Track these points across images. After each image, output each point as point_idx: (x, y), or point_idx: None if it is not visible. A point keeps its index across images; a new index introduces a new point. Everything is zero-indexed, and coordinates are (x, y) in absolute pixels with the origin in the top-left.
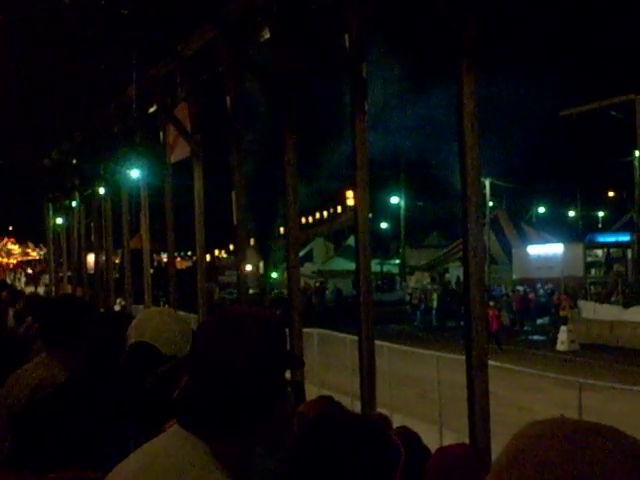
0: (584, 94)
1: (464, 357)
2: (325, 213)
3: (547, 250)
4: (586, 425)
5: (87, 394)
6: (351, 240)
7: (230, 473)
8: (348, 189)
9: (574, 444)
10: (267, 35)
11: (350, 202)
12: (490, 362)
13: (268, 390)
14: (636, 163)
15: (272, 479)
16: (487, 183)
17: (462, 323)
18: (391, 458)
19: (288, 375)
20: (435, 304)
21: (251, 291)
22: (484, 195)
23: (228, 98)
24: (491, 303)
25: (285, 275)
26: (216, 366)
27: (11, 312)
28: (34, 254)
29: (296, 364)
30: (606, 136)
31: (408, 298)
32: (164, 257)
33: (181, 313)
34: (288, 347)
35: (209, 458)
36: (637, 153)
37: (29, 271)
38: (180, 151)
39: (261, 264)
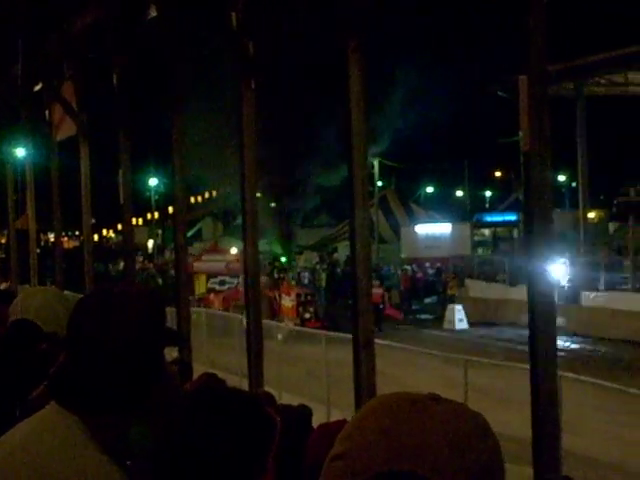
0: (472, 74)
1: (351, 335)
2: (214, 192)
3: (435, 229)
4: (420, 397)
5: None
6: (240, 220)
7: (108, 450)
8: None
9: (408, 414)
10: (154, 13)
11: None
12: (377, 340)
13: (146, 367)
14: (521, 143)
15: (152, 456)
16: (376, 163)
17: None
18: (266, 432)
19: (176, 355)
20: (324, 283)
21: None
22: (372, 175)
23: (115, 76)
24: (376, 282)
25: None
26: (92, 343)
27: None
28: None
29: (177, 341)
30: (493, 116)
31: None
32: (51, 237)
33: (67, 293)
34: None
35: (86, 435)
36: (521, 133)
37: None
38: (66, 129)
39: (150, 243)
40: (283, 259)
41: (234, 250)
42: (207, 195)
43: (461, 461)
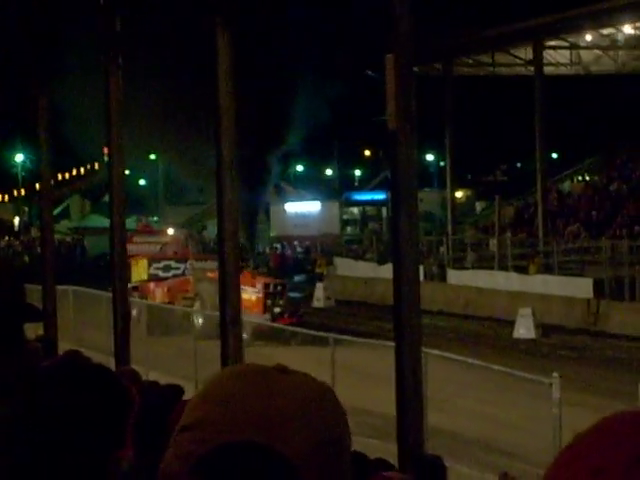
0: (345, 54)
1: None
2: (82, 169)
3: (304, 208)
4: (266, 368)
5: None
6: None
7: None
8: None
9: (253, 384)
10: None
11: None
12: (245, 318)
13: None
14: (388, 122)
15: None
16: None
17: None
18: (122, 405)
19: (41, 332)
20: None
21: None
22: None
23: None
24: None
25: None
26: None
27: None
28: None
29: (36, 317)
30: (363, 94)
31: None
32: None
33: None
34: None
35: None
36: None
37: None
38: None
39: (16, 220)
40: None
41: (170, 231)
42: (74, 172)
43: (305, 430)
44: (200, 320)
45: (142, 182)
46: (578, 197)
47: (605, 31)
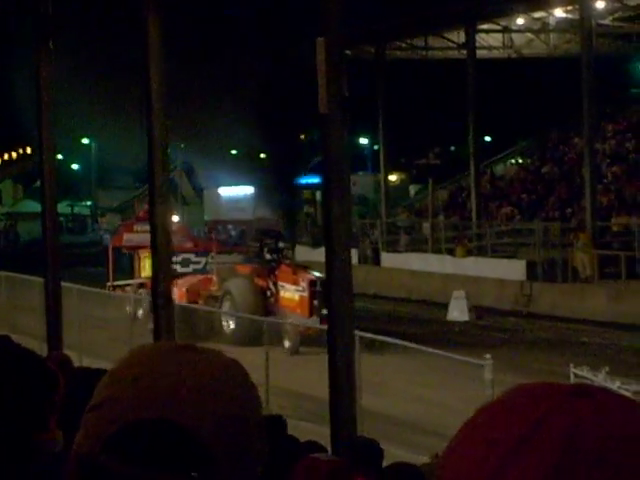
0: (280, 37)
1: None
2: (14, 154)
3: (238, 191)
4: (176, 345)
5: None
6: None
7: None
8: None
9: (161, 362)
10: None
11: None
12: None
13: None
14: (319, 106)
15: None
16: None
17: None
18: (46, 388)
19: None
20: None
21: None
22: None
23: None
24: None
25: None
26: None
27: None
28: None
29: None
30: (300, 78)
31: (101, 240)
32: None
33: None
34: None
35: None
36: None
37: None
38: None
39: None
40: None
41: (175, 218)
42: (7, 157)
43: (214, 405)
44: (232, 324)
45: (75, 166)
46: (511, 180)
47: (537, 15)
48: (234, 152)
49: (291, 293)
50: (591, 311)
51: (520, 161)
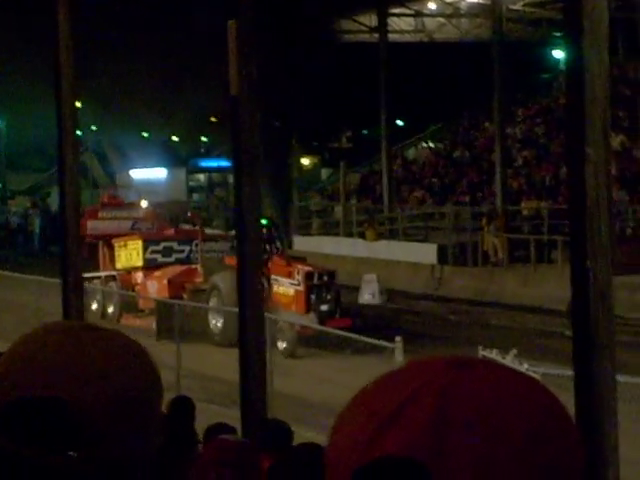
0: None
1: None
2: None
3: (150, 174)
4: (75, 324)
5: None
6: None
7: None
8: None
9: (56, 341)
10: None
11: None
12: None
13: None
14: (230, 87)
15: None
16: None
17: None
18: None
19: None
20: (37, 229)
21: None
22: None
23: None
24: None
25: None
26: None
27: None
28: None
29: None
30: (210, 60)
31: (8, 223)
32: None
33: None
34: None
35: None
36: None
37: None
38: None
39: None
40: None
41: (144, 203)
42: None
43: (104, 386)
44: (219, 322)
45: None
46: (422, 164)
47: None
48: (145, 135)
49: (285, 287)
50: (500, 294)
51: (432, 145)
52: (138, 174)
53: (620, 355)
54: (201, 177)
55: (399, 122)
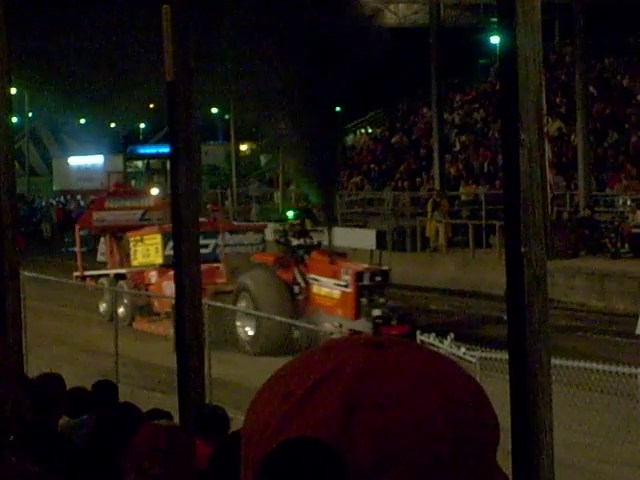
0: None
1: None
2: None
3: (88, 161)
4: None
5: None
6: None
7: None
8: None
9: None
10: None
11: None
12: (26, 273)
13: None
14: (165, 73)
15: None
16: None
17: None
18: None
19: None
20: None
21: None
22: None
23: None
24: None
25: None
26: None
27: None
28: None
29: None
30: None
31: None
32: None
33: None
34: None
35: None
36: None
37: None
38: None
39: None
40: (290, 214)
41: (155, 191)
42: None
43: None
44: (249, 329)
45: None
46: (361, 150)
47: None
48: (82, 121)
49: (328, 288)
50: (439, 279)
51: (370, 131)
52: (75, 161)
53: (556, 339)
54: (139, 164)
55: (337, 108)
